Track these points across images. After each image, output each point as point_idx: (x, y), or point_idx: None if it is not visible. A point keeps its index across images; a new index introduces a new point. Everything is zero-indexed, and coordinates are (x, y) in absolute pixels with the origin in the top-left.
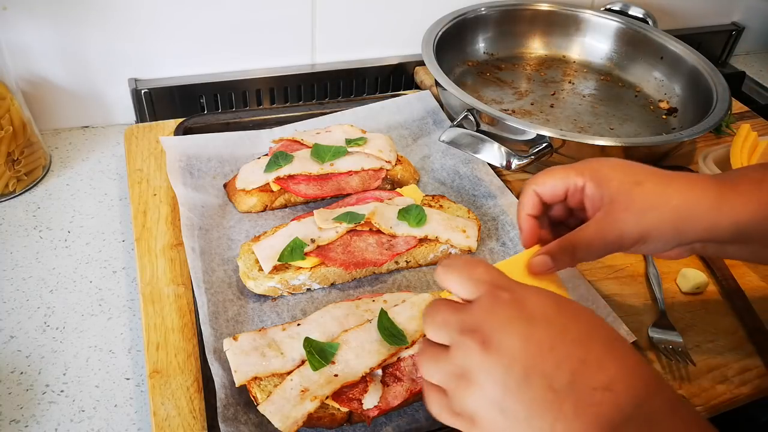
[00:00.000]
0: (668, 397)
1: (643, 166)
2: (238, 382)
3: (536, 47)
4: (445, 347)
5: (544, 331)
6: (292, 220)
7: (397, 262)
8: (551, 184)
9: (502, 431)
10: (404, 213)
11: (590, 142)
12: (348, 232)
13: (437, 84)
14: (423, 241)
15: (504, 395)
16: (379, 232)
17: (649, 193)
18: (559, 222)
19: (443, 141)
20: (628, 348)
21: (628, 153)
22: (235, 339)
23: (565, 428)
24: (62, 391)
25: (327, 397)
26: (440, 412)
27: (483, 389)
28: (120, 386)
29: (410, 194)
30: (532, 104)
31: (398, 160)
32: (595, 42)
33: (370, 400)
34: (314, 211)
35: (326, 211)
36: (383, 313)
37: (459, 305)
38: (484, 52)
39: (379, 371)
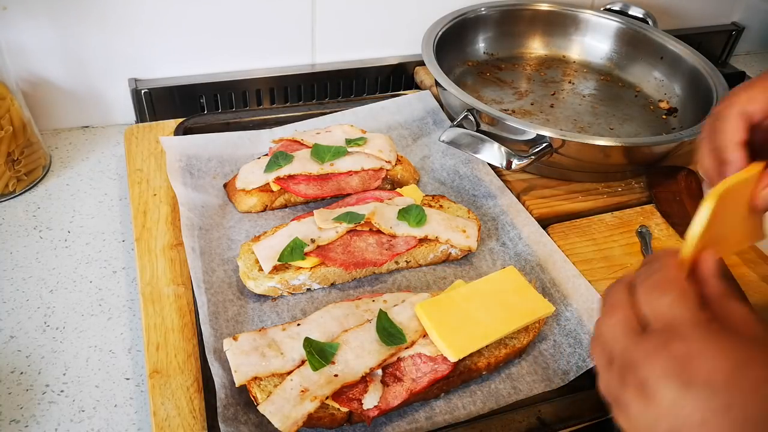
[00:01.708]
0: None
1: None
2: (238, 382)
3: (536, 47)
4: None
5: (699, 402)
6: (292, 220)
7: (397, 262)
8: (761, 99)
9: None
10: (404, 213)
11: (590, 142)
12: (348, 232)
13: (437, 84)
14: (423, 241)
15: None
16: (379, 232)
17: None
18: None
19: (443, 141)
20: None
21: (628, 153)
22: (235, 339)
23: None
24: (62, 391)
25: (327, 397)
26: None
27: (631, 422)
28: (120, 386)
29: (410, 194)
30: (532, 104)
31: (398, 160)
32: (595, 42)
33: (370, 400)
34: (314, 211)
35: (326, 211)
36: (382, 314)
37: (633, 326)
38: (484, 52)
39: (379, 371)
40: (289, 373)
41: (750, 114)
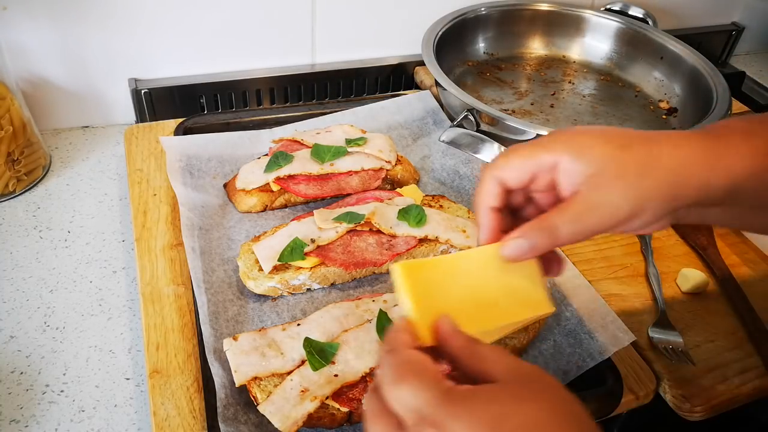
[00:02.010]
0: None
1: (617, 129)
2: (238, 382)
3: (536, 47)
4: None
5: None
6: (292, 220)
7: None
8: (516, 166)
9: None
10: (404, 213)
11: None
12: (348, 232)
13: (437, 84)
14: (423, 241)
15: None
16: (379, 232)
17: (640, 156)
18: (514, 211)
19: (443, 141)
20: None
21: None
22: (235, 339)
23: None
24: (62, 391)
25: (327, 397)
26: None
27: None
28: (120, 386)
29: (410, 194)
30: (532, 104)
31: (398, 160)
32: (595, 42)
33: None
34: (314, 211)
35: (326, 211)
36: (382, 314)
37: (389, 425)
38: (484, 52)
39: None
40: (289, 373)
41: (504, 180)
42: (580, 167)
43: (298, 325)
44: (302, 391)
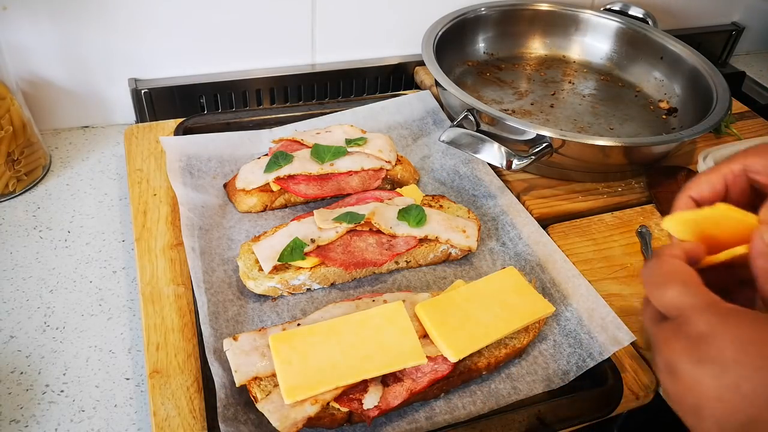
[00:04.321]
0: None
1: None
2: (238, 382)
3: (536, 47)
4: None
5: (712, 379)
6: (292, 220)
7: (397, 262)
8: (705, 180)
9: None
10: (404, 213)
11: (590, 142)
12: (348, 232)
13: (437, 84)
14: (423, 241)
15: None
16: (379, 232)
17: None
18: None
19: (443, 141)
20: None
21: (628, 153)
22: (235, 339)
23: None
24: (62, 391)
25: (328, 403)
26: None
27: (670, 397)
28: (120, 386)
29: (410, 194)
30: (532, 104)
31: (398, 160)
32: (595, 42)
33: (370, 401)
34: (314, 211)
35: (326, 211)
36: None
37: (654, 316)
38: (484, 52)
39: None
40: None
41: (696, 198)
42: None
43: (298, 325)
44: None
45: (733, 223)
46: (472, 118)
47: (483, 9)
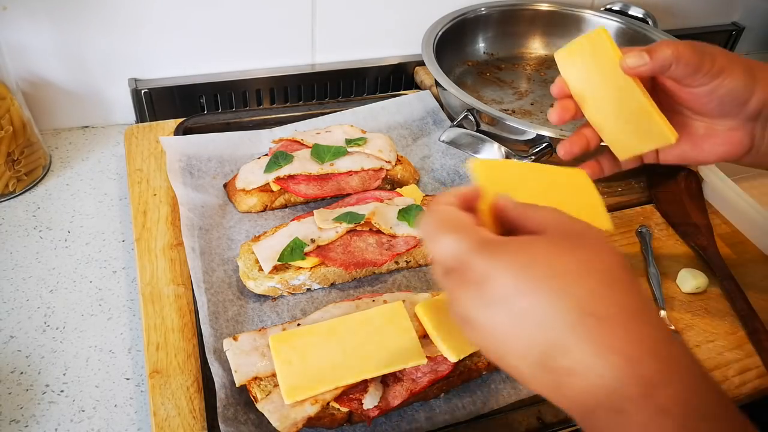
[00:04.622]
0: (642, 381)
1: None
2: (238, 382)
3: (536, 47)
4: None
5: (503, 316)
6: (292, 220)
7: (397, 262)
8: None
9: (494, 353)
10: (404, 213)
11: None
12: (348, 232)
13: (437, 84)
14: (423, 241)
15: (485, 345)
16: (379, 232)
17: (751, 63)
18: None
19: (443, 141)
20: (597, 326)
21: None
22: (235, 339)
23: (541, 389)
24: (62, 391)
25: (328, 403)
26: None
27: (472, 325)
28: (120, 386)
29: (410, 194)
30: (532, 104)
31: (398, 160)
32: None
33: (370, 400)
34: (314, 211)
35: (326, 211)
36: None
37: (439, 269)
38: (484, 52)
39: None
40: None
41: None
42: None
43: (298, 325)
44: None
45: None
46: (472, 118)
47: (483, 9)
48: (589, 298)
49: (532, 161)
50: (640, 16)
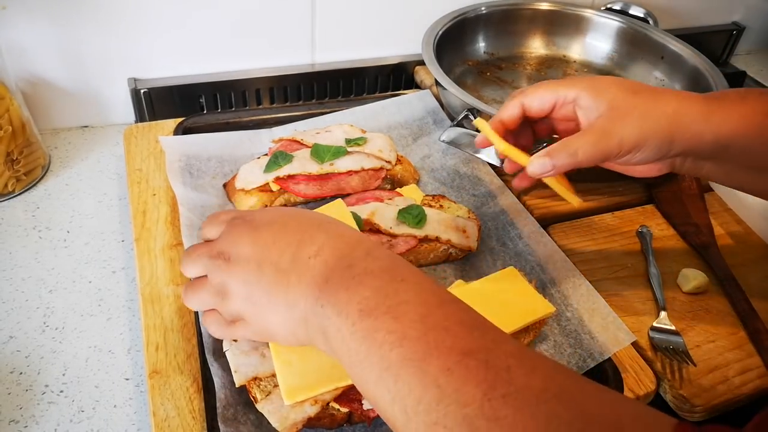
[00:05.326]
0: (365, 248)
1: (632, 81)
2: (238, 383)
3: (537, 47)
4: (204, 277)
5: (268, 232)
6: None
7: None
8: (540, 95)
9: (259, 319)
10: (404, 213)
11: None
12: None
13: (437, 83)
14: (423, 241)
15: (249, 290)
16: (379, 232)
17: (647, 101)
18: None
19: (443, 141)
20: (335, 223)
21: None
22: (234, 339)
23: (294, 294)
24: (61, 392)
25: (328, 403)
26: (219, 329)
27: (236, 292)
28: (119, 386)
29: (410, 194)
30: None
31: (398, 160)
32: (595, 41)
33: None
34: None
35: None
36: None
37: (208, 242)
38: (484, 52)
39: None
40: None
41: (527, 105)
42: (597, 103)
43: None
44: None
45: None
46: (472, 117)
47: (483, 8)
48: (326, 218)
49: None
50: (641, 15)
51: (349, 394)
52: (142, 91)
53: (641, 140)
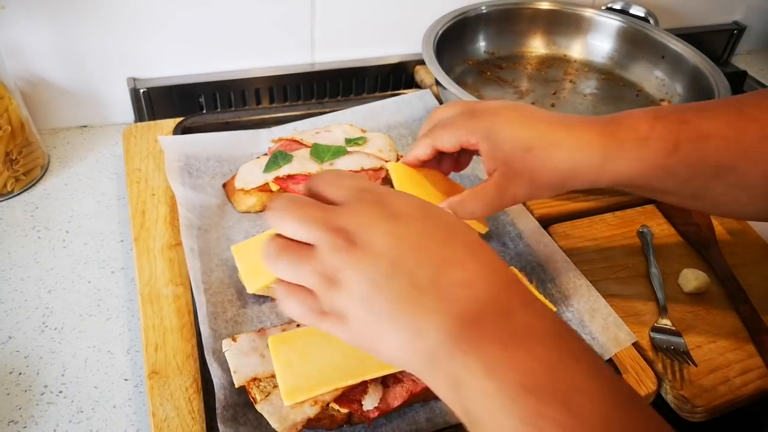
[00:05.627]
0: (523, 294)
1: (534, 122)
2: (237, 383)
3: (537, 46)
4: (307, 246)
5: (410, 229)
6: None
7: None
8: (446, 139)
9: (369, 328)
10: None
11: None
12: None
13: (437, 83)
14: None
15: (371, 292)
16: None
17: (539, 160)
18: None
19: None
20: (487, 250)
21: None
22: (234, 340)
23: (426, 322)
24: (61, 392)
25: (328, 404)
26: (305, 314)
27: (352, 287)
28: (118, 387)
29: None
30: (532, 103)
31: (398, 160)
32: (596, 41)
33: (370, 402)
34: None
35: None
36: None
37: (324, 205)
38: (484, 51)
39: None
40: None
41: (437, 146)
42: (494, 157)
43: (298, 326)
44: None
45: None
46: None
47: (483, 8)
48: (475, 237)
49: None
50: (642, 15)
51: (349, 395)
52: (141, 90)
53: (534, 195)
